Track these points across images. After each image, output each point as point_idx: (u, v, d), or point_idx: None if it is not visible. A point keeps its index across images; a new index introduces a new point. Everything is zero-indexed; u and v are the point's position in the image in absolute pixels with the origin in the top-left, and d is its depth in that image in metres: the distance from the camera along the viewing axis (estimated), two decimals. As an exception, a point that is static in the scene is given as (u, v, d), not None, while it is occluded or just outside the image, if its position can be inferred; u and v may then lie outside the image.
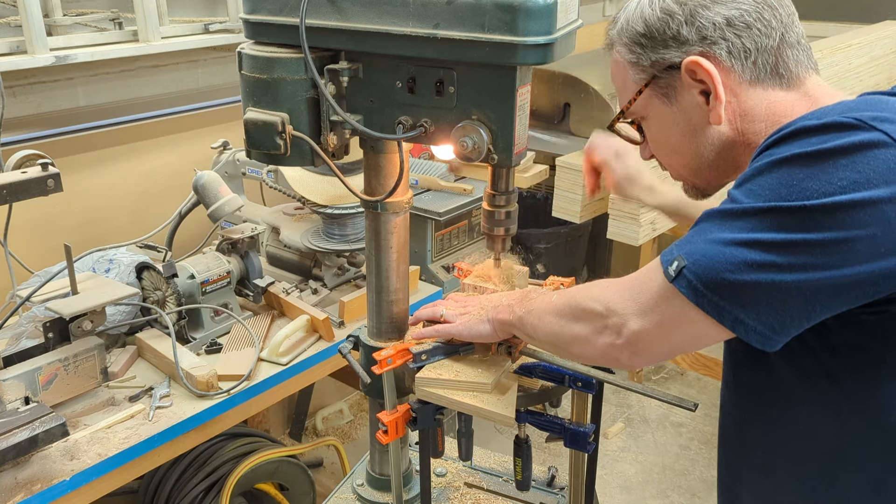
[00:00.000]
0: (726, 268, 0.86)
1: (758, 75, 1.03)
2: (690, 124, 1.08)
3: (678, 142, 1.10)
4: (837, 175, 0.81)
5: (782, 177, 0.84)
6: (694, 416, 3.52)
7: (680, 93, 1.06)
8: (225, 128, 2.71)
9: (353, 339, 1.48)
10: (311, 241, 2.31)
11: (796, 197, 0.82)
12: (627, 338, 0.97)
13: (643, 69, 1.08)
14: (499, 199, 1.28)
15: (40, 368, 1.69)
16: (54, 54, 2.20)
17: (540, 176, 2.98)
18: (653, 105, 1.10)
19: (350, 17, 1.16)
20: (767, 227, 0.84)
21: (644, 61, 1.07)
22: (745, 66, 1.02)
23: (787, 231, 0.83)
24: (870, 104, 0.88)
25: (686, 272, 0.89)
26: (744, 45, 1.01)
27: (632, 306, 0.97)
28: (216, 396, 1.85)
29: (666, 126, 1.11)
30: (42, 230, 2.29)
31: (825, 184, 0.81)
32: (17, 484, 1.55)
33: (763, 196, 0.85)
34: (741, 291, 0.86)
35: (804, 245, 0.82)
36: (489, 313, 1.23)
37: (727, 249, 0.86)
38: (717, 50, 1.02)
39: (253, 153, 1.25)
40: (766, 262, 0.83)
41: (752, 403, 1.07)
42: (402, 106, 1.21)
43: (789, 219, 0.83)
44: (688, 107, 1.07)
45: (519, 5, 1.06)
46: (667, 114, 1.09)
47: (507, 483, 1.64)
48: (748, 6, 1.01)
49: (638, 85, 1.10)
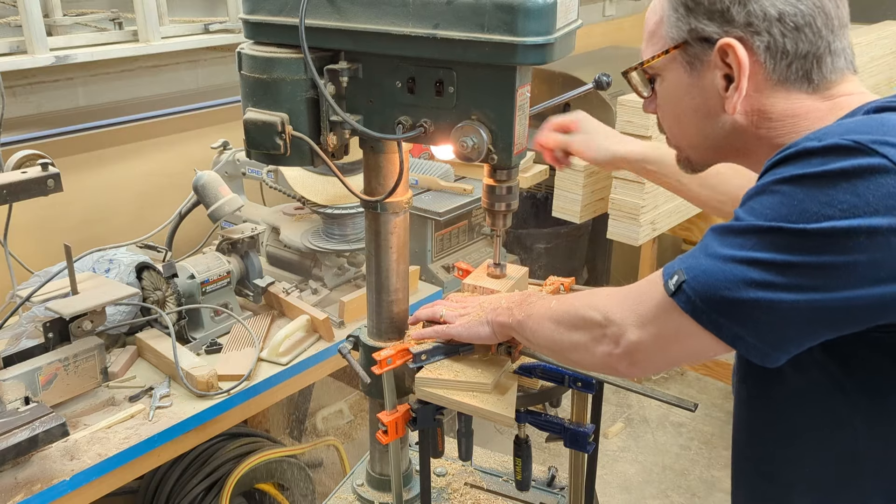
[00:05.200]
0: (725, 284, 0.85)
1: (787, 77, 0.98)
2: (705, 104, 1.04)
3: (687, 115, 1.08)
4: (838, 198, 0.80)
5: (784, 197, 0.83)
6: (694, 416, 3.52)
7: (705, 68, 1.02)
8: (225, 128, 2.71)
9: (352, 339, 1.48)
10: (311, 241, 2.31)
11: (797, 218, 0.82)
12: (625, 348, 0.98)
13: (679, 30, 1.03)
14: (500, 174, 1.28)
15: (40, 368, 1.69)
16: (54, 54, 2.20)
17: (540, 176, 2.98)
18: (674, 68, 1.06)
19: (350, 17, 1.16)
20: (767, 246, 0.83)
21: (683, 24, 1.02)
22: (777, 66, 0.98)
23: (787, 252, 0.82)
24: (872, 125, 0.86)
25: (686, 287, 0.89)
26: (784, 46, 0.97)
27: (631, 317, 0.97)
28: (216, 396, 1.85)
29: (680, 95, 1.07)
30: (42, 230, 2.29)
31: (825, 206, 0.81)
32: (17, 484, 1.55)
33: (764, 215, 0.84)
34: (739, 308, 0.85)
35: (803, 267, 0.82)
36: (488, 315, 1.23)
37: (727, 266, 0.86)
38: (756, 41, 0.97)
39: (253, 153, 1.25)
40: (765, 281, 0.83)
41: (763, 414, 1.06)
42: (401, 106, 1.21)
43: (789, 240, 0.82)
44: (707, 85, 1.03)
45: (518, 5, 1.06)
46: (685, 83, 1.05)
47: (507, 483, 1.64)
48: (806, 6, 0.96)
49: (667, 43, 1.05)
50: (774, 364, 0.89)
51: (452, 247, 2.71)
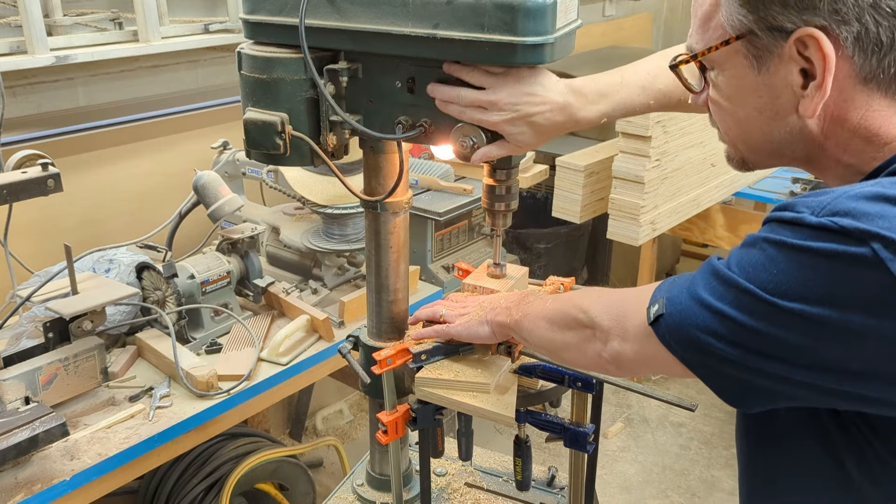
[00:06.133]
0: (696, 328, 0.84)
1: (874, 75, 0.83)
2: (773, 104, 0.88)
3: (749, 115, 0.92)
4: (816, 282, 0.76)
5: (767, 260, 0.79)
6: (694, 416, 3.52)
7: (776, 63, 0.86)
8: (225, 128, 2.71)
9: (352, 340, 1.48)
10: (311, 241, 2.31)
11: (772, 289, 0.78)
12: (610, 354, 0.98)
13: (743, 17, 0.86)
14: (500, 174, 1.28)
15: (40, 368, 1.69)
16: (54, 54, 2.20)
17: (540, 176, 2.98)
18: (735, 62, 0.89)
19: (349, 17, 1.16)
20: (741, 307, 0.80)
21: (749, 9, 0.85)
22: (867, 60, 0.82)
23: (757, 319, 0.79)
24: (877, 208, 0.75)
25: (662, 321, 0.88)
26: (878, 36, 0.80)
27: (616, 328, 0.96)
28: (216, 396, 1.85)
29: (742, 92, 0.91)
30: (42, 230, 2.29)
31: (801, 286, 0.76)
32: (18, 484, 1.55)
33: (746, 273, 0.81)
34: (706, 354, 0.84)
35: (769, 337, 0.79)
36: (488, 315, 1.23)
37: (701, 311, 0.84)
38: (845, 31, 0.81)
39: (252, 153, 1.25)
40: (732, 339, 0.81)
41: (761, 448, 1.02)
42: (401, 106, 1.21)
43: (762, 308, 0.79)
44: (779, 83, 0.87)
45: (518, 5, 1.06)
46: (749, 79, 0.89)
47: (507, 483, 1.64)
48: None
49: (727, 32, 0.88)
50: (746, 410, 0.88)
51: (452, 247, 2.71)
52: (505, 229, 1.35)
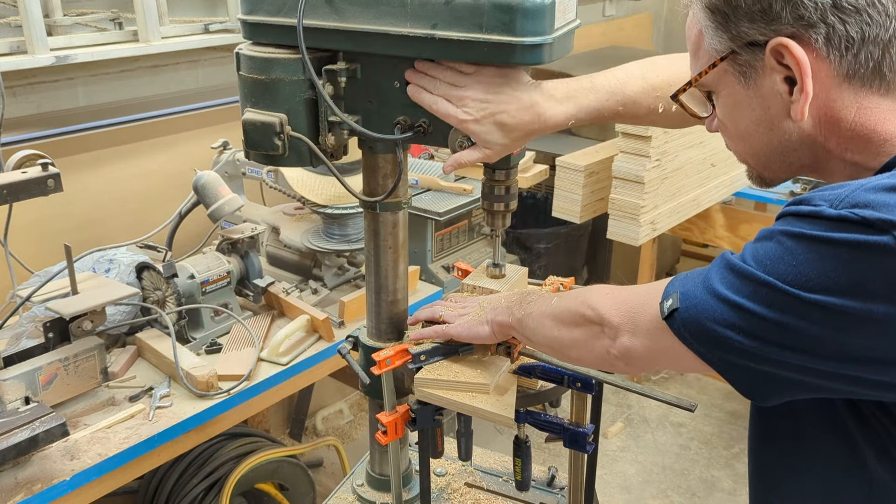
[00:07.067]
0: (713, 322, 0.84)
1: (856, 71, 0.86)
2: (767, 113, 0.93)
3: (749, 129, 0.96)
4: (839, 273, 0.77)
5: (786, 252, 0.80)
6: (694, 417, 3.52)
7: (760, 75, 0.91)
8: (225, 128, 2.71)
9: (352, 340, 1.48)
10: (311, 241, 2.31)
11: (793, 281, 0.79)
12: (619, 350, 0.98)
13: (721, 39, 0.92)
14: (499, 174, 1.28)
15: (40, 368, 1.69)
16: (54, 54, 2.20)
17: (540, 176, 2.98)
18: (726, 82, 0.95)
19: (348, 17, 1.16)
20: (760, 300, 0.81)
21: (724, 32, 0.91)
22: (843, 58, 0.86)
23: (778, 311, 0.80)
24: None
25: (677, 315, 0.88)
26: (847, 34, 0.84)
27: (626, 324, 0.97)
28: (216, 396, 1.85)
29: (738, 109, 0.96)
30: (42, 230, 2.29)
31: (824, 277, 0.77)
32: (18, 484, 1.56)
33: (764, 266, 0.81)
34: (724, 347, 0.84)
35: (791, 329, 0.79)
36: (488, 315, 1.23)
37: (718, 305, 0.84)
38: (813, 34, 0.85)
39: (251, 154, 1.25)
40: (751, 331, 0.82)
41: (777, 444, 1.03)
42: (400, 106, 1.21)
43: (783, 300, 0.80)
44: (767, 93, 0.91)
45: (517, 5, 1.06)
46: (741, 95, 0.94)
47: (507, 483, 1.64)
48: None
49: (713, 56, 0.94)
50: (763, 403, 0.88)
51: (452, 247, 2.71)
52: (504, 229, 1.35)
